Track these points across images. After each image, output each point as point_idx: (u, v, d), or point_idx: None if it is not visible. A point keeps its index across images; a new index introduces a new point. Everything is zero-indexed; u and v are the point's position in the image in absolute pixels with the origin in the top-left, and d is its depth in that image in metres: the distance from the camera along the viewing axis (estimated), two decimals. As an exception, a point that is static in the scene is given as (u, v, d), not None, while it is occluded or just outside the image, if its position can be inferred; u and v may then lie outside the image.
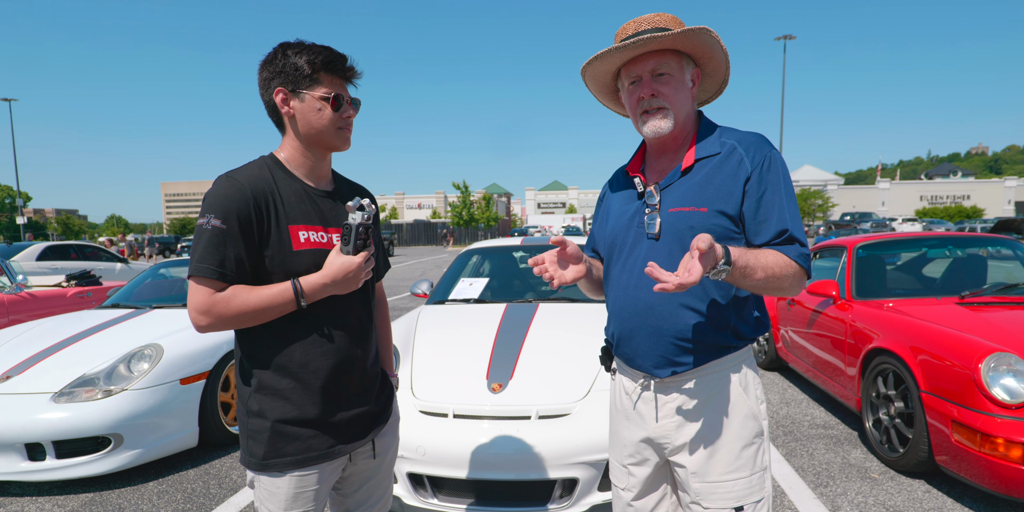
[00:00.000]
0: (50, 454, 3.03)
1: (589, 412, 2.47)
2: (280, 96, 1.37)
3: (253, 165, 1.41)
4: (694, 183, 1.41)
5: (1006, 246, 4.34)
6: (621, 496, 1.60)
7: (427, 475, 2.43)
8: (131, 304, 4.73)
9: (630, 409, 1.54)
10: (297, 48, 1.36)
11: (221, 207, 1.29)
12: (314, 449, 1.40)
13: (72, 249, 12.83)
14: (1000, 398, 2.55)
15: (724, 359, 1.43)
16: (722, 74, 1.52)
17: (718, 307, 1.40)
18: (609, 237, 1.56)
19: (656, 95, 1.41)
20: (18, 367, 3.37)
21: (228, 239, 1.29)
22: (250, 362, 1.41)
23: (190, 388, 3.44)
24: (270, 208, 1.35)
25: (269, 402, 1.38)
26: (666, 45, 1.39)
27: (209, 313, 1.29)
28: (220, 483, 3.21)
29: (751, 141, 1.42)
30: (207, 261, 1.28)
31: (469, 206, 45.68)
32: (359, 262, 1.37)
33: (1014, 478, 2.47)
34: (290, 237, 1.37)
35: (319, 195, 1.46)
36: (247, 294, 1.31)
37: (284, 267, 1.36)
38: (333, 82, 1.39)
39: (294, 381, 1.38)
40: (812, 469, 3.25)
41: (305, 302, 1.35)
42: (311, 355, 1.39)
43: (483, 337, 3.09)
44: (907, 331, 3.19)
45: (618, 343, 1.53)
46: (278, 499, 1.40)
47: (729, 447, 1.41)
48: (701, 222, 1.37)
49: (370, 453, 1.57)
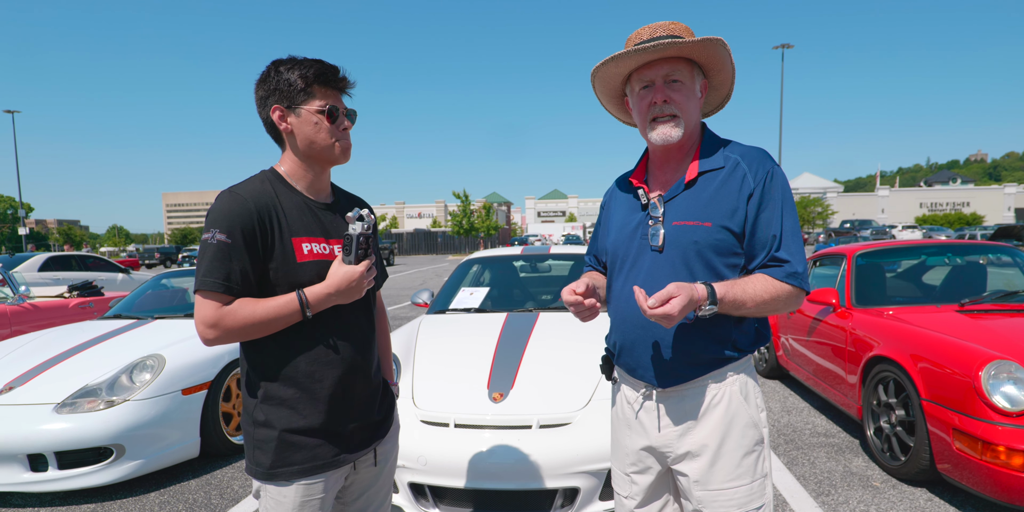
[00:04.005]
0: (52, 465, 3.03)
1: (590, 421, 2.48)
2: (277, 113, 1.39)
3: (255, 180, 1.43)
4: (699, 197, 1.43)
5: (1005, 253, 4.35)
6: (624, 504, 1.61)
7: (428, 485, 2.44)
8: (133, 315, 4.74)
9: (632, 418, 1.55)
10: (289, 64, 1.38)
11: (225, 222, 1.32)
12: (320, 458, 1.42)
13: (74, 260, 12.90)
14: (1001, 406, 2.55)
15: (724, 369, 1.45)
16: (727, 88, 1.55)
17: (719, 320, 1.41)
18: (612, 248, 1.58)
19: (668, 101, 1.42)
20: (21, 378, 3.38)
21: (233, 253, 1.32)
22: (256, 373, 1.42)
23: (192, 399, 3.45)
24: (273, 221, 1.37)
25: (275, 412, 1.40)
26: (683, 53, 1.42)
27: (217, 326, 1.31)
28: (222, 493, 3.21)
29: (754, 156, 1.44)
30: (213, 275, 1.30)
31: (469, 215, 45.77)
32: (361, 271, 1.39)
33: (1016, 486, 2.47)
34: (293, 249, 1.39)
35: (319, 207, 1.48)
36: (253, 306, 1.33)
37: (288, 279, 1.38)
38: (327, 94, 1.41)
39: (300, 391, 1.40)
40: (814, 477, 3.24)
41: (311, 312, 1.37)
42: (316, 365, 1.41)
43: (484, 347, 3.10)
44: (907, 339, 3.19)
45: (620, 353, 1.55)
46: (284, 508, 1.41)
47: (730, 455, 1.42)
48: (705, 237, 1.39)
49: (372, 461, 1.59)
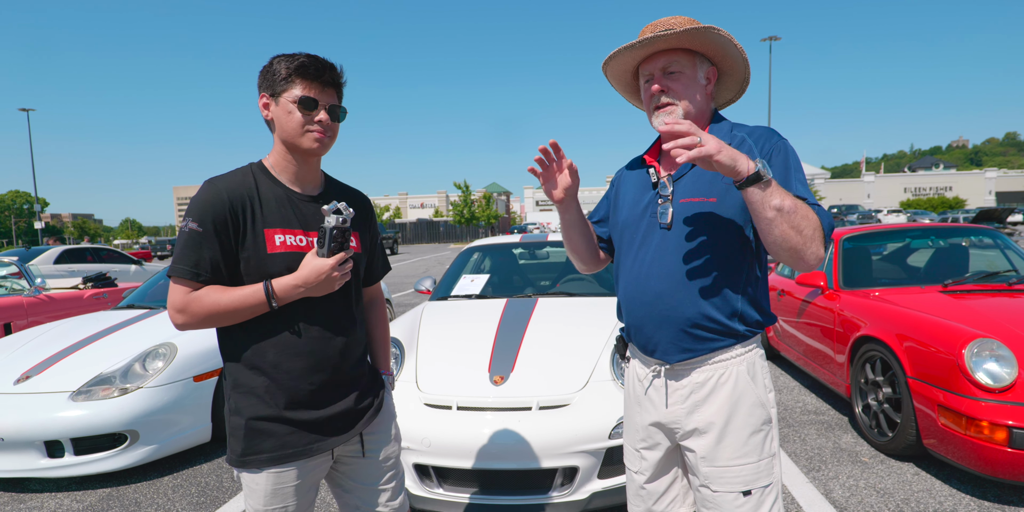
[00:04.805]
0: (68, 451, 3.10)
1: (588, 402, 2.53)
2: (263, 101, 1.43)
3: (238, 171, 1.45)
4: (705, 174, 1.45)
5: (987, 236, 4.42)
6: (634, 479, 1.65)
7: (432, 466, 2.48)
8: (145, 305, 4.80)
9: (642, 395, 1.58)
10: (283, 56, 1.40)
11: (198, 211, 1.35)
12: (290, 446, 1.42)
13: (88, 252, 12.94)
14: (984, 382, 2.62)
15: (733, 348, 1.47)
16: (741, 72, 1.55)
17: (725, 295, 1.43)
18: (621, 226, 1.60)
19: (666, 91, 1.46)
20: (37, 367, 3.44)
21: (204, 241, 1.35)
22: (228, 360, 1.45)
23: (203, 385, 3.52)
24: (246, 212, 1.39)
25: (244, 400, 1.42)
26: (672, 43, 1.45)
27: (184, 312, 1.35)
28: (233, 477, 3.28)
29: (760, 133, 1.46)
30: (182, 262, 1.34)
31: (470, 205, 45.84)
32: (332, 264, 1.37)
33: (999, 459, 2.54)
34: (265, 240, 1.40)
35: (302, 199, 1.48)
36: (220, 294, 1.35)
37: (259, 269, 1.39)
38: (308, 87, 1.39)
39: (267, 380, 1.41)
40: (804, 454, 3.33)
41: (276, 303, 1.37)
42: (283, 355, 1.41)
43: (485, 331, 3.16)
44: (893, 319, 3.27)
45: (631, 331, 1.58)
46: (257, 495, 1.44)
47: (737, 433, 1.44)
48: (712, 212, 1.42)
49: (359, 451, 1.58)
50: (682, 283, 1.44)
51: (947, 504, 2.70)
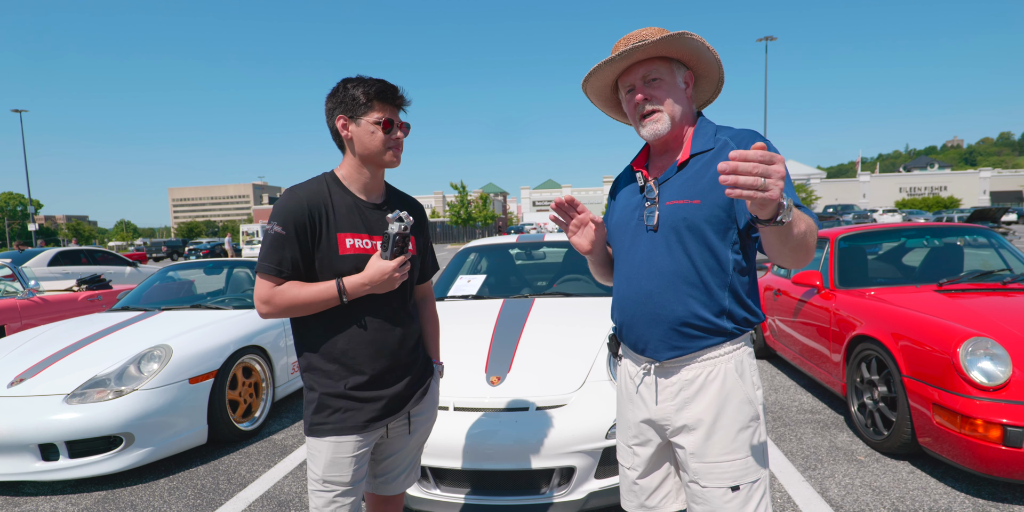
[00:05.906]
0: (63, 454, 3.09)
1: (584, 402, 2.53)
2: (340, 122, 1.61)
3: (314, 181, 1.66)
4: (688, 177, 1.48)
5: (981, 235, 4.44)
6: (627, 475, 1.68)
7: (429, 466, 2.48)
8: (140, 306, 4.80)
9: (633, 392, 1.62)
10: (356, 82, 1.59)
11: (282, 216, 1.56)
12: (351, 421, 1.64)
13: (82, 254, 12.90)
14: (978, 381, 2.63)
15: (722, 346, 1.49)
16: (715, 73, 1.58)
17: (712, 294, 1.47)
18: (613, 230, 1.66)
19: (649, 99, 1.50)
20: (31, 370, 3.43)
21: (286, 243, 1.56)
22: (303, 346, 1.67)
23: (199, 387, 3.52)
24: (323, 218, 1.60)
25: (317, 379, 1.65)
26: (650, 53, 1.48)
27: (269, 303, 1.57)
28: (229, 479, 3.28)
29: (744, 136, 1.48)
30: (268, 260, 1.56)
31: (467, 205, 45.95)
32: (393, 266, 1.58)
33: (993, 458, 2.56)
34: (337, 243, 1.61)
35: (368, 207, 1.69)
36: (299, 289, 1.57)
37: (332, 268, 1.60)
38: (385, 109, 1.61)
39: (337, 365, 1.64)
40: (800, 453, 3.35)
41: (347, 298, 1.59)
42: (351, 344, 1.63)
43: (481, 332, 3.16)
44: (888, 318, 3.28)
45: (622, 330, 1.62)
46: (319, 461, 1.65)
47: (725, 430, 1.47)
48: (694, 213, 1.45)
49: (406, 428, 1.81)
50: (670, 283, 1.48)
51: (942, 502, 2.71)
